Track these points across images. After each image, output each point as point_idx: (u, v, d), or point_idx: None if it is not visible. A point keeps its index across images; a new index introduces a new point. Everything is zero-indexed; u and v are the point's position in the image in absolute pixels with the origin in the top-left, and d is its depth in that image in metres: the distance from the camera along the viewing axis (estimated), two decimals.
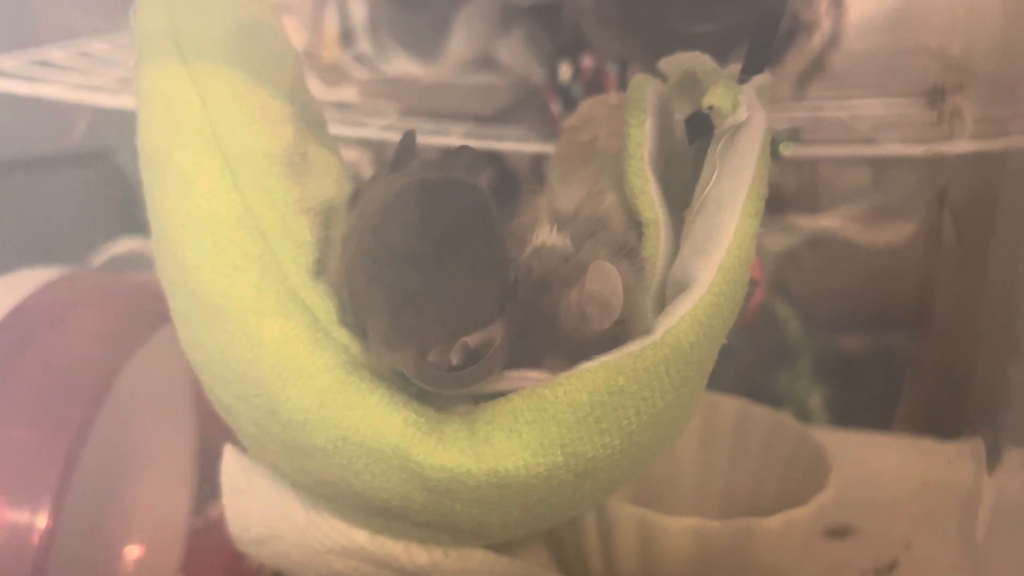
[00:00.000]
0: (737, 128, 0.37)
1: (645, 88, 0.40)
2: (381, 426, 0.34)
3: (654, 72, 0.43)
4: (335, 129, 0.47)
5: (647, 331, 0.35)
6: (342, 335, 0.35)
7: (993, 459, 0.44)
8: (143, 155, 0.37)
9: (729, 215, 0.36)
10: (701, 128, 0.38)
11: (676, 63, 0.42)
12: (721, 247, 0.35)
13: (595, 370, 0.33)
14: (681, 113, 0.40)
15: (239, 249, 0.35)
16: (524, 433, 0.33)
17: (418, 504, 0.35)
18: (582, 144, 0.46)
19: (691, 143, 0.39)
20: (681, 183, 0.40)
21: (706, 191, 0.37)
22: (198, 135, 0.36)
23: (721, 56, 0.41)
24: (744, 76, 0.39)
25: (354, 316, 0.35)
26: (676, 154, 0.41)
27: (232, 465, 0.40)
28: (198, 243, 0.35)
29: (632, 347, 0.34)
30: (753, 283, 0.39)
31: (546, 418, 0.33)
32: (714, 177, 0.37)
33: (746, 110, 0.36)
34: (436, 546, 0.38)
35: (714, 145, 0.37)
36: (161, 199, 0.36)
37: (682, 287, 0.36)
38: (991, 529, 0.44)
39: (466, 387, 0.34)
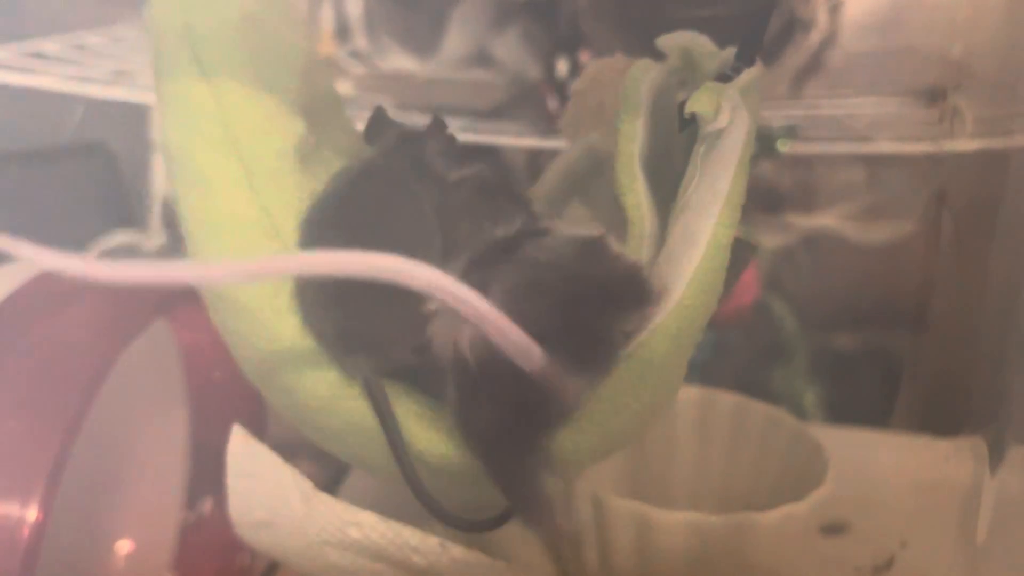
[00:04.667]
0: (719, 133, 0.37)
1: (642, 79, 0.40)
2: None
3: None
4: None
5: None
6: None
7: (996, 458, 0.44)
8: (166, 153, 0.38)
9: (704, 224, 0.36)
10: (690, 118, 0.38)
11: (674, 42, 0.42)
12: (694, 258, 0.35)
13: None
14: (679, 95, 0.40)
15: (256, 249, 0.36)
16: None
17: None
18: (591, 107, 0.47)
19: (681, 131, 0.39)
20: (678, 172, 0.40)
21: (687, 195, 0.37)
22: (215, 137, 0.37)
23: (720, 47, 0.41)
24: (737, 63, 0.39)
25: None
26: (674, 140, 0.41)
27: (239, 448, 0.40)
28: (219, 242, 0.36)
29: None
30: (751, 248, 0.38)
31: None
32: (694, 182, 0.37)
33: (728, 115, 0.36)
34: (433, 535, 0.38)
35: (697, 147, 0.38)
36: (184, 197, 0.37)
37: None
38: (991, 528, 0.44)
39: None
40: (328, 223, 0.36)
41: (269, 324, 0.35)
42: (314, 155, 0.40)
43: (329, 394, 0.35)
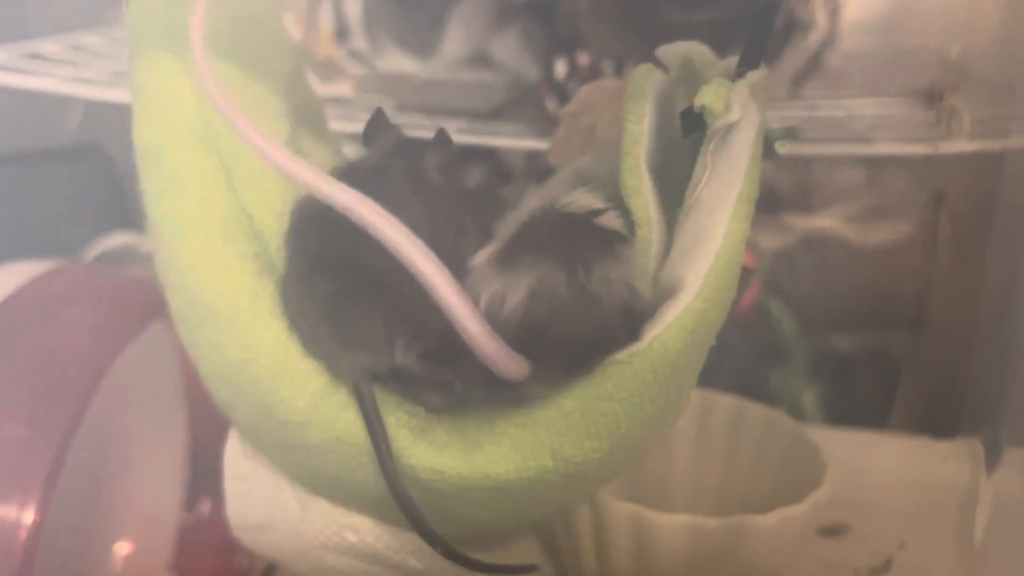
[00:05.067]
0: (729, 129, 0.36)
1: (646, 81, 0.40)
2: None
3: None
4: (329, 124, 0.47)
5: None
6: None
7: (992, 459, 0.44)
8: (139, 151, 0.37)
9: (718, 219, 0.35)
10: (695, 123, 0.37)
11: (674, 52, 0.42)
12: (709, 252, 0.34)
13: (583, 377, 0.33)
14: (682, 104, 0.40)
15: (233, 249, 0.35)
16: (514, 437, 0.33)
17: None
18: (583, 130, 0.46)
19: (685, 137, 0.39)
20: (682, 177, 0.39)
21: (696, 192, 0.36)
22: (193, 133, 0.36)
23: (719, 50, 0.41)
24: (741, 69, 0.38)
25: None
26: (676, 147, 0.41)
27: (236, 449, 0.40)
28: (192, 243, 0.35)
29: (620, 354, 0.33)
30: (748, 271, 0.38)
31: (536, 423, 0.33)
32: (704, 178, 0.36)
33: (739, 110, 0.36)
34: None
35: (706, 144, 0.37)
36: (156, 197, 0.36)
37: (670, 291, 0.35)
38: (989, 529, 0.44)
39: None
40: (318, 212, 0.35)
41: (246, 331, 0.34)
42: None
43: (311, 406, 0.33)
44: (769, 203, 0.72)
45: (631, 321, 0.34)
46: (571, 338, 0.33)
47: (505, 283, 0.32)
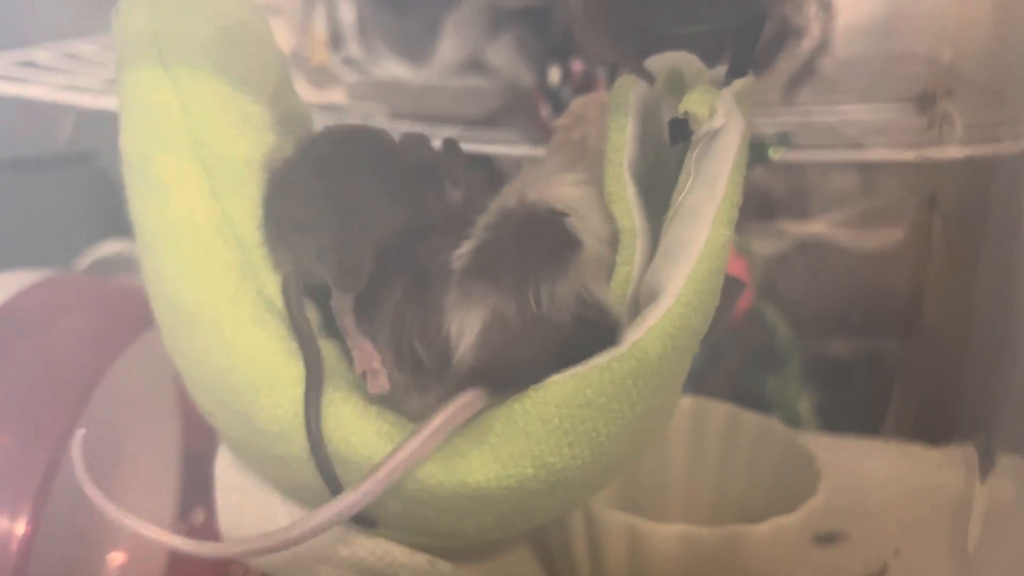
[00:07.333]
0: (713, 135, 0.36)
1: (629, 91, 0.40)
2: (354, 437, 0.34)
3: (644, 76, 0.42)
4: None
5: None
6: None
7: (986, 466, 0.44)
8: (125, 160, 0.37)
9: (701, 224, 0.35)
10: (682, 131, 0.37)
11: (663, 62, 0.42)
12: (691, 257, 0.34)
13: (563, 383, 0.33)
14: (670, 114, 0.40)
15: (216, 258, 0.35)
16: (494, 445, 0.33)
17: (393, 511, 0.35)
18: (574, 142, 0.46)
19: (672, 146, 0.39)
20: (670, 185, 0.39)
21: (680, 198, 0.36)
22: (177, 142, 0.36)
23: (711, 59, 0.41)
24: (729, 78, 0.38)
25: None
26: (663, 157, 0.41)
27: (227, 461, 0.40)
28: (176, 251, 0.35)
29: (599, 359, 0.34)
30: (741, 285, 0.38)
31: (516, 430, 0.33)
32: (688, 184, 0.36)
33: (722, 117, 0.36)
34: (420, 552, 0.38)
35: (691, 151, 0.37)
36: (141, 205, 0.36)
37: (653, 296, 0.35)
38: (983, 536, 0.44)
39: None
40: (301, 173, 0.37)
41: (228, 338, 0.34)
42: None
43: (291, 415, 0.34)
44: (763, 209, 0.72)
45: (581, 330, 0.35)
46: (521, 359, 0.34)
47: (463, 316, 0.34)
